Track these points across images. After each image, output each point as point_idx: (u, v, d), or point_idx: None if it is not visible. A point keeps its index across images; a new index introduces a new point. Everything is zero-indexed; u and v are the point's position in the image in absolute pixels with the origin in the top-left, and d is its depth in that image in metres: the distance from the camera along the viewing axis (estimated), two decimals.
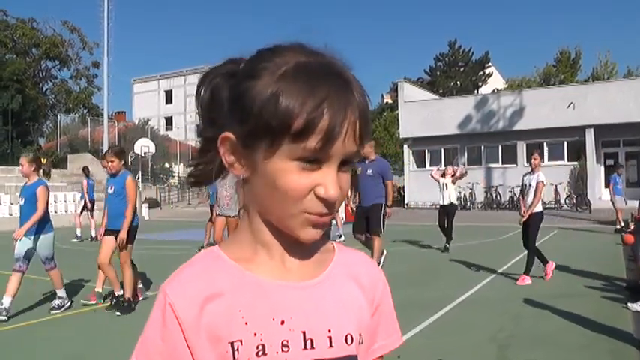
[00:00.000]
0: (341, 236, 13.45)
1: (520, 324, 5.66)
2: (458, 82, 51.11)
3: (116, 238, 6.30)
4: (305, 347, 0.78)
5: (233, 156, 0.79)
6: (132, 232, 6.40)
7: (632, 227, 14.42)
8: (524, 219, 8.02)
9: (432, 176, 13.12)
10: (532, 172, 8.16)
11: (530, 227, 7.98)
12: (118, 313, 6.24)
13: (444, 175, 12.31)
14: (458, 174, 12.59)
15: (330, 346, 0.80)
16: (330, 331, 0.80)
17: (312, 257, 0.85)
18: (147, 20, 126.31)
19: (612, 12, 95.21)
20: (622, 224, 14.89)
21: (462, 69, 52.16)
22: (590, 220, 19.06)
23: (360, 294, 0.87)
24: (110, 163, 6.43)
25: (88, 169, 15.60)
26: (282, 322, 0.78)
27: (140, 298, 6.79)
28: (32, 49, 40.77)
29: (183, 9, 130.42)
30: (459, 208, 25.40)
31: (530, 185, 8.09)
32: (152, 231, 17.14)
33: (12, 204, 21.74)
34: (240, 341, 0.76)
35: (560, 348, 4.84)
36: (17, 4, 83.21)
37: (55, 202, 23.82)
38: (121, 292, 6.46)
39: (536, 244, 8.18)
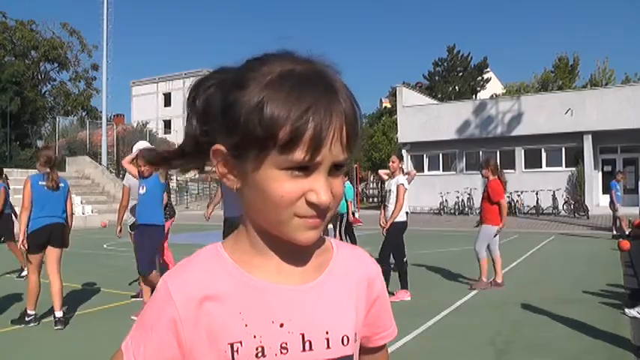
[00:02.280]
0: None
1: (518, 329, 5.67)
2: (456, 88, 51.14)
3: None
4: (304, 349, 0.80)
5: (225, 168, 0.80)
6: None
7: (628, 232, 14.53)
8: (387, 228, 7.27)
9: (379, 175, 11.91)
10: (392, 175, 7.54)
11: (387, 236, 7.22)
12: None
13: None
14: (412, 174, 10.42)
15: (328, 347, 0.82)
16: (327, 332, 0.82)
17: (310, 260, 0.86)
18: (146, 23, 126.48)
19: (611, 19, 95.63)
20: (625, 232, 14.73)
21: (460, 74, 52.21)
22: (587, 226, 19.10)
23: (356, 291, 0.89)
24: None
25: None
26: (282, 325, 0.80)
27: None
28: (31, 51, 40.82)
29: (182, 12, 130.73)
30: (457, 213, 25.69)
31: (390, 191, 7.43)
32: None
33: None
34: (240, 343, 0.78)
35: (558, 354, 4.84)
36: (16, 6, 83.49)
37: None
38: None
39: (533, 250, 8.18)
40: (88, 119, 40.35)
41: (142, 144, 7.54)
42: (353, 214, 12.98)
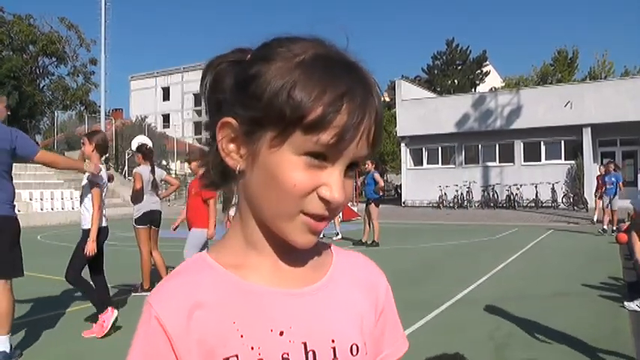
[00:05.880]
0: (338, 234, 13.48)
1: (517, 323, 5.66)
2: (455, 81, 51.09)
3: None
4: None
5: (232, 144, 0.72)
6: None
7: (624, 226, 14.54)
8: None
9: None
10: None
11: (77, 250, 5.49)
12: None
13: None
14: None
15: (334, 357, 0.74)
16: (333, 341, 0.75)
17: (310, 261, 0.79)
18: (144, 17, 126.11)
19: (610, 11, 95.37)
20: (605, 228, 14.76)
21: (459, 67, 52.14)
22: (587, 219, 19.10)
23: (362, 299, 0.82)
24: None
25: None
26: (282, 334, 0.72)
27: None
28: (29, 45, 40.63)
29: (180, 6, 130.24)
30: (456, 207, 25.70)
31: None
32: None
33: None
34: (237, 356, 0.70)
35: (556, 347, 4.84)
36: (14, 0, 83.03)
37: (52, 198, 23.76)
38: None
39: (532, 243, 8.17)
40: (86, 114, 40.30)
41: (141, 139, 7.53)
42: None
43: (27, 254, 5.06)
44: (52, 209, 23.32)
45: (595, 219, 16.69)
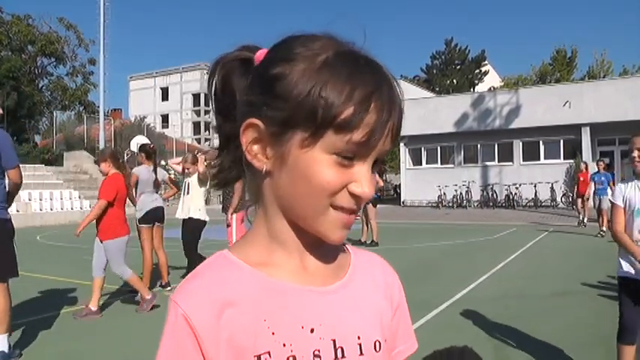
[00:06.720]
0: None
1: (516, 323, 5.66)
2: (454, 81, 51.19)
3: None
4: (336, 356, 0.74)
5: (256, 145, 0.72)
6: None
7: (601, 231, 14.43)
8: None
9: (170, 166, 9.78)
10: None
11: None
12: None
13: (184, 170, 7.89)
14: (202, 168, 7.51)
15: (361, 354, 0.76)
16: (359, 338, 0.76)
17: (332, 260, 0.80)
18: (144, 17, 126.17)
19: (609, 11, 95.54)
20: (604, 229, 14.42)
21: (458, 67, 52.23)
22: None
23: (381, 297, 0.84)
24: None
25: None
26: (312, 331, 0.73)
27: None
28: (28, 45, 40.57)
29: (180, 6, 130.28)
30: (455, 206, 25.71)
31: None
32: None
33: None
34: (269, 353, 0.70)
35: (556, 347, 4.84)
36: (12, 0, 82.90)
37: (51, 199, 23.74)
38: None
39: (531, 243, 8.10)
40: (85, 114, 40.26)
41: (141, 139, 7.54)
42: None
43: (26, 254, 5.06)
44: (51, 209, 23.30)
45: (582, 219, 16.48)
